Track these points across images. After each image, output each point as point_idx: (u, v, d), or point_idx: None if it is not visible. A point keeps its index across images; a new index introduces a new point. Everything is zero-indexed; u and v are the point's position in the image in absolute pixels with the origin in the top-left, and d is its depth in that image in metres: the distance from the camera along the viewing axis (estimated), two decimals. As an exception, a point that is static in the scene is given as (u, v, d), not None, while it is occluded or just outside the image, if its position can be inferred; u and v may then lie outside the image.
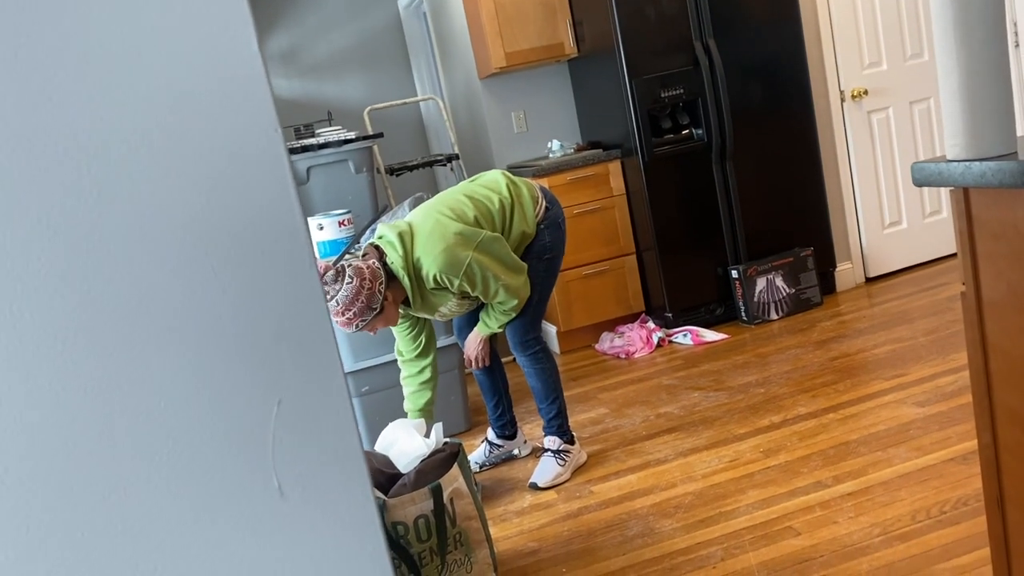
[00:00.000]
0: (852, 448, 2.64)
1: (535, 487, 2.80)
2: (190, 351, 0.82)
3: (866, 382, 3.16)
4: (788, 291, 4.20)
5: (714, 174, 4.17)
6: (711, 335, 4.07)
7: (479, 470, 3.04)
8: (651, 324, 4.23)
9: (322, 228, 3.16)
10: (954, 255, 4.49)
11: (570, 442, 2.89)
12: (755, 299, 4.15)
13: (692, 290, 4.22)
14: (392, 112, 5.98)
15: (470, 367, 2.91)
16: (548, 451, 2.87)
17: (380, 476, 2.29)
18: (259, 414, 0.83)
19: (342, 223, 3.15)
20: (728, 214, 4.21)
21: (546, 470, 2.83)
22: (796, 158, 4.25)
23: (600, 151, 4.26)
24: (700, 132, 4.14)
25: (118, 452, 0.81)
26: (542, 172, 4.11)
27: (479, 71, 4.54)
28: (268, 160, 0.81)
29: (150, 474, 0.81)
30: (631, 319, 4.37)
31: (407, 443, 2.33)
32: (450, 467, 2.20)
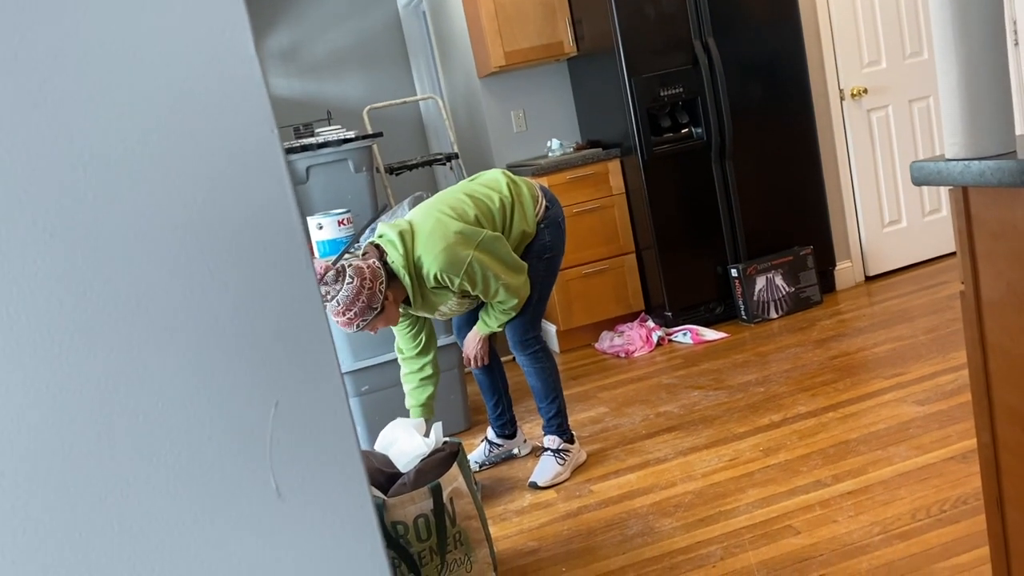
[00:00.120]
0: (852, 447, 2.64)
1: (535, 486, 2.80)
2: (188, 352, 0.82)
3: (866, 381, 3.16)
4: (788, 290, 4.20)
5: (713, 173, 4.17)
6: (711, 334, 4.07)
7: (479, 469, 3.04)
8: (651, 323, 4.24)
9: (321, 227, 3.16)
10: (954, 253, 4.48)
11: (570, 441, 2.89)
12: (755, 298, 4.15)
13: (692, 289, 4.22)
14: (391, 111, 5.98)
15: (469, 366, 2.91)
16: (548, 450, 2.87)
17: (380, 475, 2.29)
18: (257, 415, 0.83)
19: (341, 222, 3.15)
20: (728, 213, 4.21)
21: (546, 469, 2.83)
22: (795, 157, 4.25)
23: (599, 150, 4.26)
24: (699, 131, 4.14)
25: (116, 453, 0.81)
26: (541, 171, 4.11)
27: (478, 70, 4.54)
28: (265, 161, 0.81)
29: (148, 475, 0.81)
30: (631, 318, 4.37)
31: (407, 442, 2.33)
32: (450, 466, 2.21)
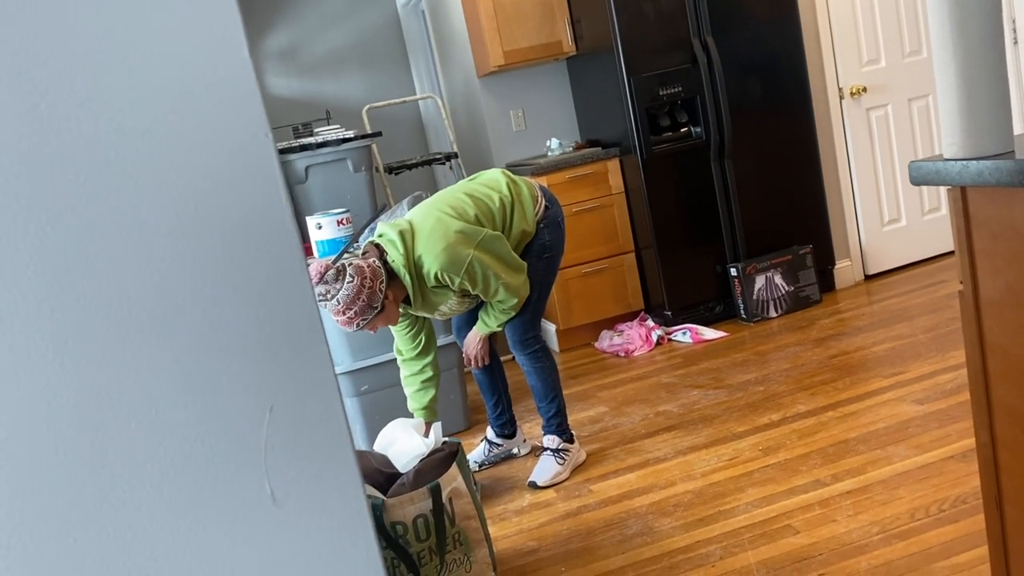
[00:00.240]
0: (851, 446, 2.64)
1: (534, 486, 2.80)
2: (182, 357, 0.82)
3: (865, 380, 3.16)
4: (787, 289, 4.20)
5: (713, 172, 4.17)
6: (710, 333, 4.07)
7: (478, 469, 3.04)
8: (650, 322, 4.23)
9: (321, 227, 3.16)
10: (953, 252, 4.48)
11: (569, 441, 2.88)
12: (754, 297, 4.15)
13: (691, 288, 4.22)
14: (391, 111, 5.97)
15: (469, 366, 2.91)
16: (547, 450, 2.87)
17: (379, 476, 2.29)
18: (251, 420, 0.83)
19: (341, 222, 3.15)
20: (727, 212, 4.21)
21: (545, 469, 2.83)
22: (795, 156, 4.25)
23: (599, 149, 4.25)
24: (699, 130, 4.14)
25: (110, 460, 0.81)
26: (541, 170, 4.10)
27: (478, 69, 4.54)
28: (259, 165, 0.81)
29: (142, 481, 0.81)
30: (630, 317, 4.37)
31: (406, 443, 2.33)
32: (449, 466, 2.20)
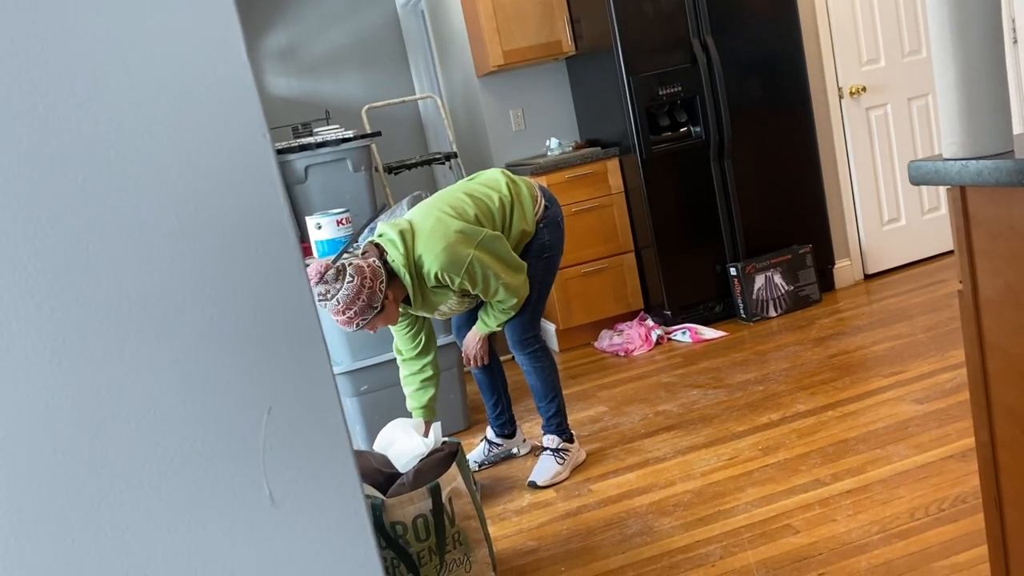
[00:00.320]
0: (851, 446, 2.64)
1: (534, 486, 2.80)
2: (180, 358, 0.82)
3: (865, 379, 3.16)
4: (787, 288, 4.20)
5: (712, 171, 4.17)
6: (710, 333, 4.07)
7: (478, 469, 3.04)
8: (650, 322, 4.23)
9: (320, 227, 3.16)
10: (953, 252, 4.48)
11: (569, 440, 2.88)
12: (754, 296, 4.15)
13: (691, 288, 4.22)
14: (390, 110, 5.97)
15: (468, 366, 2.91)
16: (547, 450, 2.87)
17: (379, 476, 2.29)
18: (250, 420, 0.83)
19: (340, 222, 3.15)
20: (726, 211, 4.21)
21: (545, 469, 2.83)
22: (794, 155, 4.24)
23: (598, 149, 4.25)
24: (698, 130, 4.14)
25: (108, 460, 0.81)
26: (540, 170, 4.10)
27: (477, 69, 4.54)
28: (258, 166, 0.81)
29: (141, 481, 0.81)
30: (630, 317, 4.37)
31: (405, 443, 2.33)
32: (449, 466, 2.20)
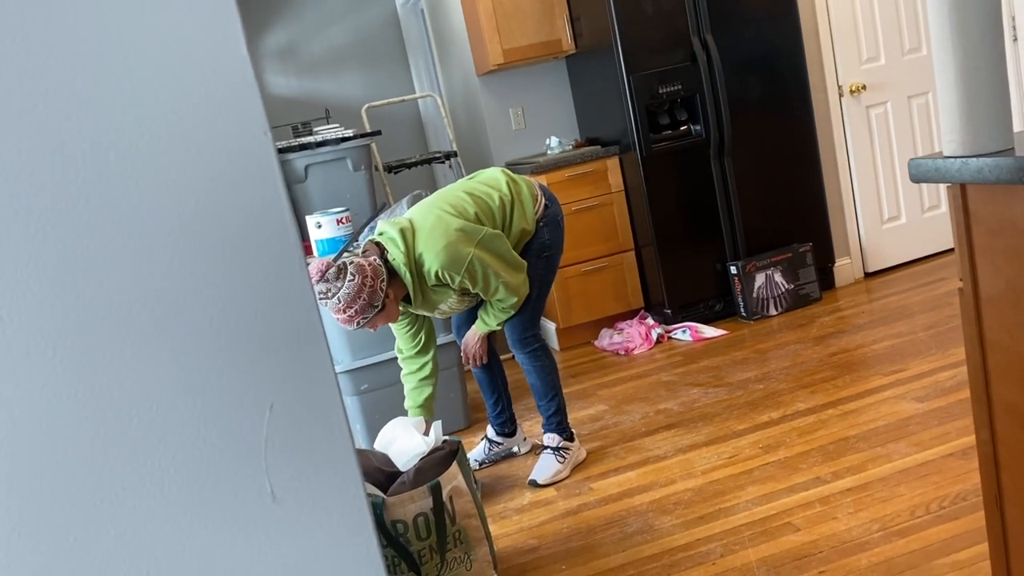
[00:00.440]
0: (851, 444, 2.64)
1: (534, 484, 2.80)
2: (182, 355, 0.82)
3: (865, 378, 3.16)
4: (787, 287, 4.20)
5: (712, 170, 4.16)
6: (710, 331, 4.07)
7: (478, 468, 3.04)
8: (650, 320, 4.23)
9: (320, 226, 3.16)
10: (953, 249, 4.48)
11: (569, 439, 2.89)
12: (754, 295, 4.15)
13: (691, 286, 4.22)
14: (390, 109, 5.97)
15: (468, 365, 2.91)
16: (547, 448, 2.87)
17: (379, 474, 2.29)
18: (251, 418, 0.83)
19: (340, 221, 3.15)
20: (727, 210, 4.20)
21: (545, 467, 2.83)
22: (794, 153, 4.24)
23: (598, 147, 4.25)
24: (698, 128, 4.14)
25: (110, 458, 0.81)
26: (540, 169, 4.10)
27: (477, 68, 4.53)
28: (259, 164, 0.81)
29: (142, 479, 0.81)
30: (630, 315, 4.37)
31: (406, 441, 2.32)
32: (449, 465, 2.20)
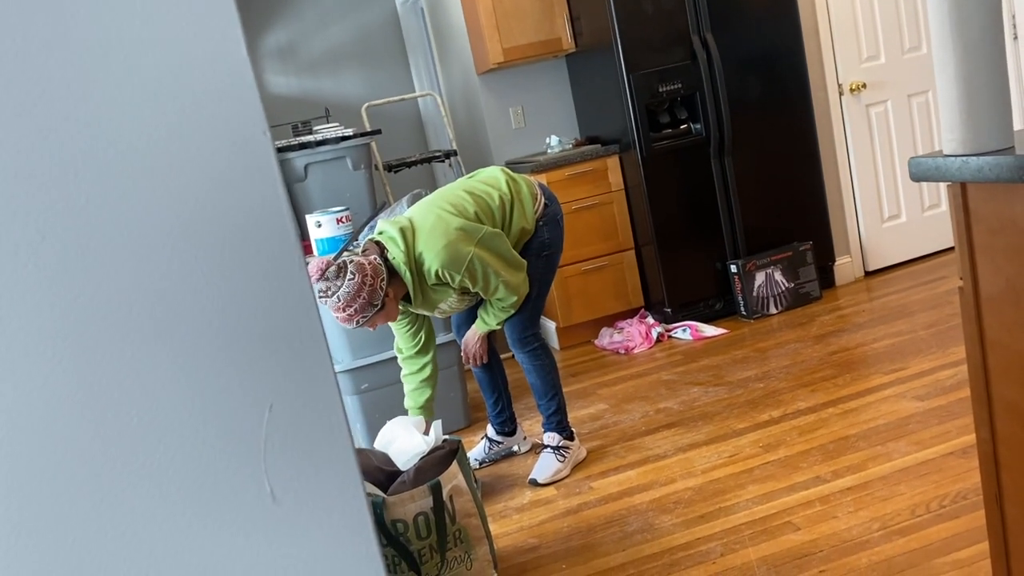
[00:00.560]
0: (851, 443, 2.64)
1: (535, 483, 2.80)
2: (181, 355, 0.82)
3: (865, 376, 3.16)
4: (787, 285, 4.19)
5: (712, 169, 4.16)
6: (710, 330, 4.07)
7: (479, 467, 3.04)
8: (650, 319, 4.23)
9: (320, 225, 3.16)
10: (953, 248, 4.48)
11: (569, 438, 2.88)
12: (754, 293, 4.15)
13: (691, 285, 4.22)
14: (390, 108, 5.97)
15: (468, 364, 2.91)
16: (547, 447, 2.87)
17: (379, 474, 2.29)
18: (251, 418, 0.83)
19: (340, 220, 3.15)
20: (727, 208, 4.20)
21: (545, 466, 2.83)
22: (795, 152, 4.24)
23: (598, 146, 4.25)
24: (698, 127, 4.13)
25: (109, 458, 0.81)
26: (540, 168, 4.10)
27: (477, 67, 4.53)
28: (258, 164, 0.81)
29: (142, 479, 0.81)
30: (630, 314, 4.36)
31: (406, 441, 2.32)
32: (449, 464, 2.20)
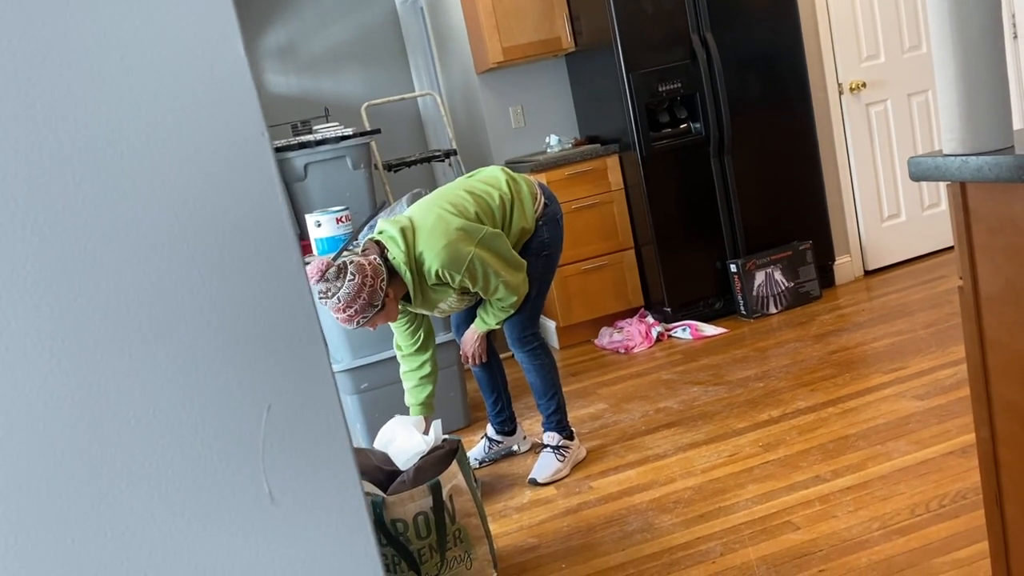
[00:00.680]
0: (851, 442, 2.64)
1: (534, 483, 2.80)
2: (179, 356, 0.82)
3: (865, 376, 3.16)
4: (787, 285, 4.19)
5: (712, 168, 4.16)
6: (710, 329, 4.07)
7: (478, 466, 3.04)
8: (650, 319, 4.23)
9: (320, 225, 3.16)
10: (953, 248, 4.47)
11: (569, 438, 2.88)
12: (754, 293, 4.15)
13: (691, 284, 4.22)
14: (389, 108, 5.97)
15: (467, 364, 2.91)
16: (547, 447, 2.87)
17: (379, 473, 2.29)
18: (249, 419, 0.83)
19: (340, 220, 3.15)
20: (727, 208, 4.20)
21: (545, 466, 2.83)
22: (794, 151, 4.24)
23: (598, 146, 4.25)
24: (698, 126, 4.13)
25: (107, 459, 0.81)
26: (540, 167, 4.10)
27: (476, 66, 4.53)
28: (256, 164, 0.80)
29: (140, 480, 0.81)
30: (630, 314, 4.36)
31: (406, 440, 2.32)
32: (449, 464, 2.20)
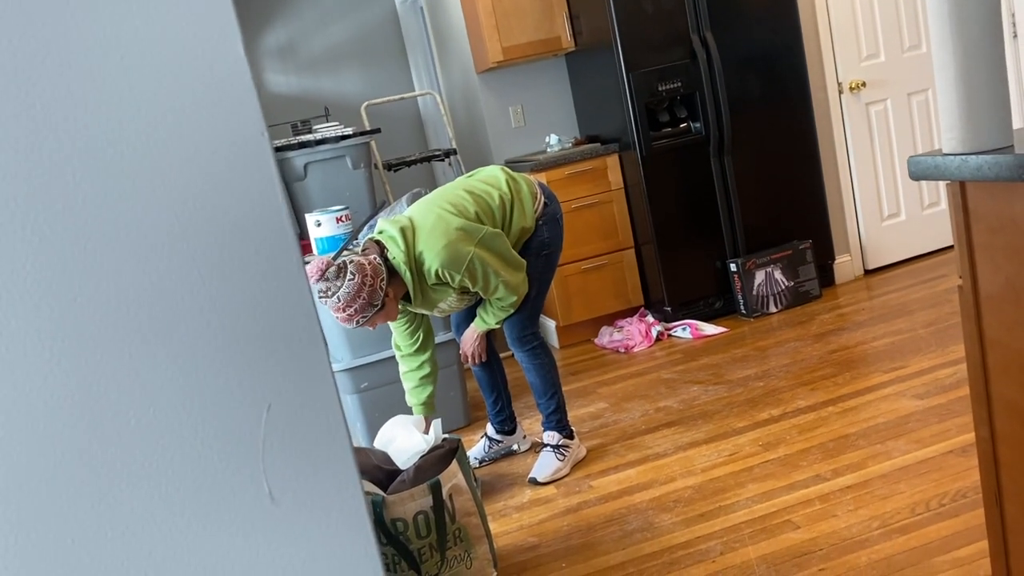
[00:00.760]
0: (851, 441, 2.64)
1: (534, 482, 2.80)
2: (179, 356, 0.82)
3: (865, 375, 3.16)
4: (787, 284, 4.19)
5: (712, 167, 4.16)
6: (710, 329, 4.07)
7: (478, 466, 3.04)
8: (650, 318, 4.23)
9: (320, 224, 3.16)
10: (953, 247, 4.47)
11: (569, 437, 2.89)
12: (754, 292, 4.15)
13: (691, 284, 4.22)
14: (389, 107, 5.97)
15: (467, 363, 2.91)
16: (547, 446, 2.87)
17: (379, 473, 2.29)
18: (249, 418, 0.83)
19: (340, 219, 3.15)
20: (726, 207, 4.20)
21: (545, 465, 2.83)
22: (794, 151, 4.24)
23: (598, 145, 4.25)
24: (698, 125, 4.13)
25: (107, 459, 0.81)
26: (540, 167, 4.10)
27: (476, 66, 4.53)
28: (256, 164, 0.81)
29: (140, 480, 0.81)
30: (630, 313, 4.36)
31: (406, 439, 2.33)
32: (449, 463, 2.21)
